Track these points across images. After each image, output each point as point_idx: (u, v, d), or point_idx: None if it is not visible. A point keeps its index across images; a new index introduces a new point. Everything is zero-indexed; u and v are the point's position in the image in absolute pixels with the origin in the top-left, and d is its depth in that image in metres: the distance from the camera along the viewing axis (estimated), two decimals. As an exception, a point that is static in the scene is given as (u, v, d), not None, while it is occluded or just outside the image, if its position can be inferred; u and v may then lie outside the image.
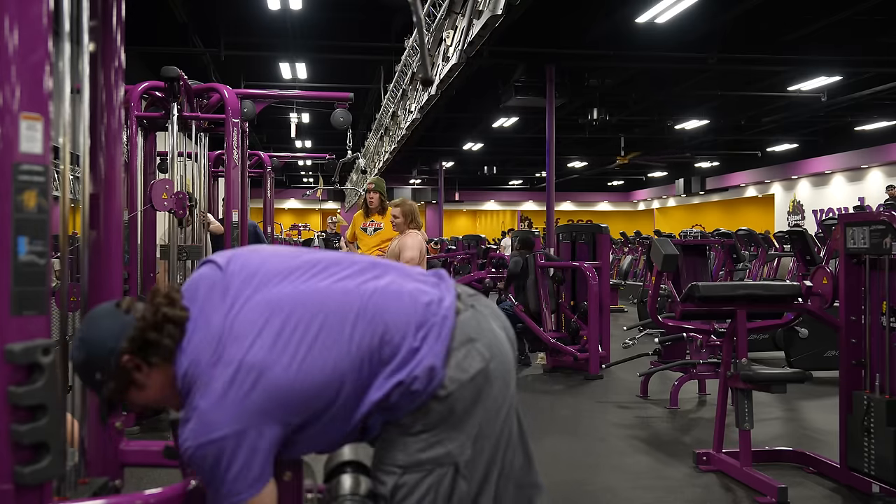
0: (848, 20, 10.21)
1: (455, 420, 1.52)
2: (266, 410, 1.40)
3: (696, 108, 17.11)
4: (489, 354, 1.58)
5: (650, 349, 6.27)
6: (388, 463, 1.53)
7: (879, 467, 3.51)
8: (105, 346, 1.45)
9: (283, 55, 11.97)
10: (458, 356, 1.54)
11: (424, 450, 1.51)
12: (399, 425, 1.52)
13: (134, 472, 2.29)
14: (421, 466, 1.51)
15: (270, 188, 8.43)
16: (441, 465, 1.52)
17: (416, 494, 1.51)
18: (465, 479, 1.53)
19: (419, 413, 1.51)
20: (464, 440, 1.53)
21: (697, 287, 3.96)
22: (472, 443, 1.54)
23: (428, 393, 1.51)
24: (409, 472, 1.51)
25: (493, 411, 1.57)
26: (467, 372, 1.54)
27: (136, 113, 5.05)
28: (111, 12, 1.69)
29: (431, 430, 1.52)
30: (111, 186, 1.71)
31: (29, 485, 1.23)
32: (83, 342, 1.46)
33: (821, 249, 8.33)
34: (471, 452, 1.54)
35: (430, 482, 1.51)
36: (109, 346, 1.45)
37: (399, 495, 1.51)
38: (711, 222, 23.19)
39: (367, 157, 16.38)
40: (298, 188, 28.40)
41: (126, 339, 1.45)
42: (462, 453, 1.53)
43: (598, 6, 9.97)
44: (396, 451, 1.52)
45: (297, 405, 1.44)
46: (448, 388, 1.52)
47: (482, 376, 1.56)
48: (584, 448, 4.57)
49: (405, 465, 1.51)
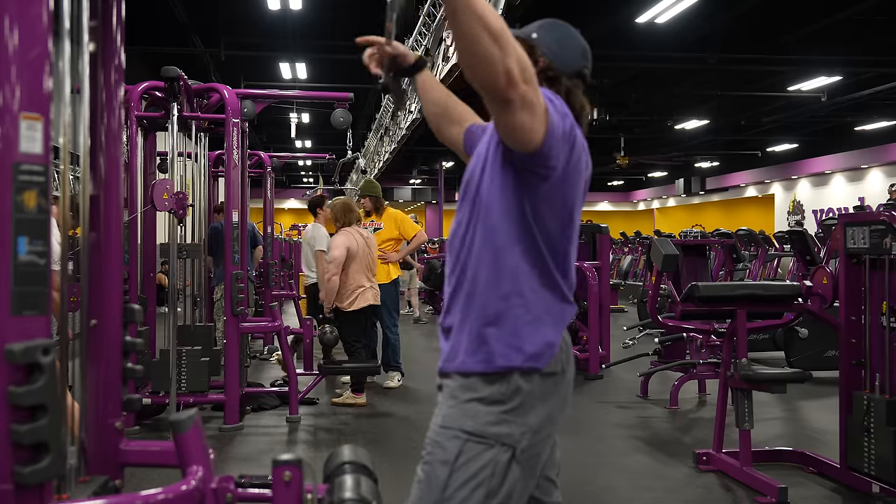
0: (848, 20, 10.21)
1: (527, 406, 1.55)
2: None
3: (696, 108, 17.12)
4: (570, 364, 1.65)
5: (650, 349, 6.28)
6: (455, 427, 1.55)
7: (879, 467, 3.51)
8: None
9: (283, 55, 11.98)
10: (559, 351, 1.61)
11: (493, 424, 1.53)
12: (474, 390, 1.55)
13: (134, 472, 2.29)
14: (485, 439, 1.53)
15: (270, 188, 8.44)
16: (503, 444, 1.54)
17: (477, 464, 1.52)
18: (519, 466, 1.55)
19: (502, 382, 1.54)
20: (526, 429, 1.56)
21: (697, 287, 3.97)
22: (531, 434, 1.56)
23: (526, 358, 1.55)
24: (472, 440, 1.53)
25: (551, 417, 1.60)
26: (557, 367, 1.60)
27: (136, 113, 5.05)
28: (111, 12, 1.69)
29: (505, 404, 1.54)
30: (111, 186, 1.71)
31: (29, 485, 1.23)
32: None
33: (821, 249, 8.33)
34: (527, 443, 1.56)
35: (490, 456, 1.53)
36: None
37: (460, 461, 1.53)
38: (711, 222, 23.20)
39: (367, 157, 16.39)
40: (298, 188, 28.41)
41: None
42: (522, 440, 1.55)
43: (598, 6, 9.98)
44: (466, 418, 1.55)
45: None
46: (541, 370, 1.56)
47: (563, 380, 1.62)
48: (584, 448, 4.57)
49: (472, 432, 1.53)
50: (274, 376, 6.40)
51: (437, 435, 1.58)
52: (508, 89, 1.38)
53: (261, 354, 7.67)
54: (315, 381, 5.66)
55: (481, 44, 1.34)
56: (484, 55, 1.35)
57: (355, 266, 5.62)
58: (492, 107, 1.45)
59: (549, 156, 1.51)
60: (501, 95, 1.39)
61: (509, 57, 1.37)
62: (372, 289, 5.74)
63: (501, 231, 1.57)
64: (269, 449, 4.53)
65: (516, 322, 1.57)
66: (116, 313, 1.70)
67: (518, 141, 1.48)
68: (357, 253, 5.63)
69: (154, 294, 5.35)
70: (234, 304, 4.87)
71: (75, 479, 1.59)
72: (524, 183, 1.55)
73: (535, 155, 1.50)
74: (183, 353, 4.87)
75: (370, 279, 5.73)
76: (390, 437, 4.76)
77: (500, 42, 1.36)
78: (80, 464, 1.63)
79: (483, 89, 1.41)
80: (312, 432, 4.97)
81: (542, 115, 1.46)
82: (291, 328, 5.84)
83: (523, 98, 1.40)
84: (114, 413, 1.69)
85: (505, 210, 1.57)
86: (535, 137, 1.47)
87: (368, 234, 5.93)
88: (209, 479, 1.46)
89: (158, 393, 4.88)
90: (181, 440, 1.47)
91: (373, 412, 5.52)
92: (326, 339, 5.61)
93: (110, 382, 1.68)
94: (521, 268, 1.57)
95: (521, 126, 1.45)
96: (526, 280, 1.58)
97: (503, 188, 1.56)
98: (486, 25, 1.34)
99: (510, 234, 1.57)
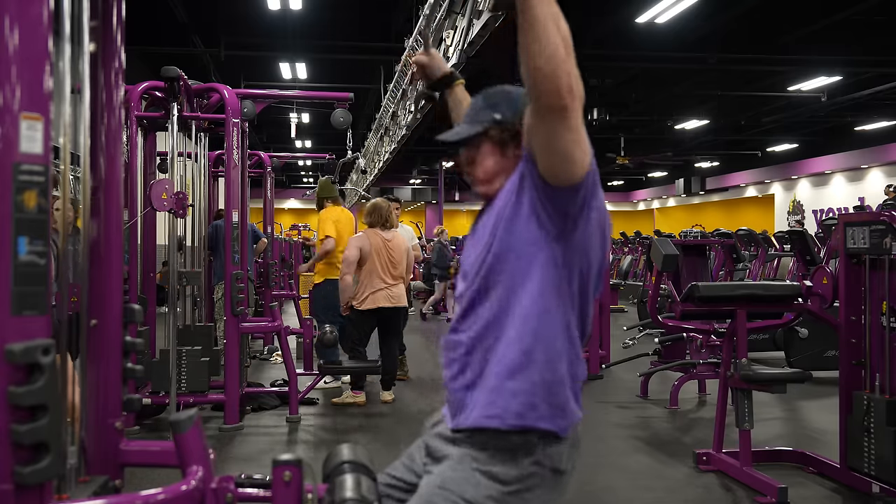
0: (848, 20, 10.21)
1: (531, 494, 1.52)
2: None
3: (696, 108, 17.12)
4: (573, 465, 1.61)
5: (650, 349, 6.28)
6: (455, 492, 1.51)
7: (879, 467, 3.51)
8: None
9: (283, 55, 11.98)
10: (569, 446, 1.58)
11: (492, 498, 1.50)
12: (482, 462, 1.52)
13: (134, 472, 2.29)
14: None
15: (270, 188, 8.44)
16: None
17: None
18: None
19: (512, 463, 1.51)
20: None
21: (697, 287, 3.97)
22: None
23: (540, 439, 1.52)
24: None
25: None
26: (568, 465, 1.57)
27: (136, 113, 5.05)
28: (111, 12, 1.69)
29: (508, 485, 1.51)
30: (111, 186, 1.71)
31: (29, 485, 1.23)
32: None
33: (821, 249, 8.32)
34: None
35: None
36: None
37: None
38: (711, 222, 23.18)
39: (367, 157, 16.37)
40: (298, 188, 28.41)
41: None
42: None
43: (598, 6, 9.98)
44: (468, 485, 1.51)
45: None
46: (553, 465, 1.53)
47: (566, 480, 1.59)
48: (584, 448, 4.53)
49: (471, 501, 1.50)
50: (274, 376, 6.40)
51: (432, 495, 1.54)
52: (569, 95, 1.34)
53: (261, 354, 7.67)
54: (315, 381, 5.66)
55: (552, 41, 1.32)
56: (553, 54, 1.32)
57: (368, 267, 5.59)
58: (544, 121, 1.39)
59: (587, 194, 1.46)
60: (561, 101, 1.34)
61: (573, 63, 1.35)
62: (387, 290, 5.62)
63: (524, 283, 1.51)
64: (269, 449, 4.53)
65: (536, 379, 1.51)
66: (116, 313, 1.70)
67: (562, 169, 1.42)
68: (370, 254, 5.59)
69: (154, 294, 5.35)
70: (234, 304, 4.87)
71: (75, 479, 1.59)
72: (552, 231, 1.49)
73: (576, 189, 1.44)
74: (183, 353, 4.87)
75: (386, 281, 5.62)
76: (391, 436, 4.77)
77: (567, 45, 1.34)
78: (80, 464, 1.63)
79: (544, 94, 1.35)
80: (312, 432, 4.97)
81: (586, 144, 1.42)
82: (291, 328, 5.84)
83: (577, 111, 1.37)
84: (114, 413, 1.69)
85: (528, 263, 1.51)
86: (580, 166, 1.41)
87: (394, 236, 5.80)
88: (209, 479, 1.46)
89: (158, 393, 4.88)
90: (181, 440, 1.47)
91: (373, 412, 5.52)
92: (326, 339, 5.61)
93: (110, 382, 1.68)
94: (545, 322, 1.51)
95: (569, 149, 1.39)
96: (546, 335, 1.51)
97: (527, 241, 1.50)
98: (559, 25, 1.33)
99: (534, 287, 1.51)
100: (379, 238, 5.67)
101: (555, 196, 1.46)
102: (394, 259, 5.66)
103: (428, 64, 1.96)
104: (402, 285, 5.75)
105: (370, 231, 5.72)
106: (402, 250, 5.76)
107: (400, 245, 5.76)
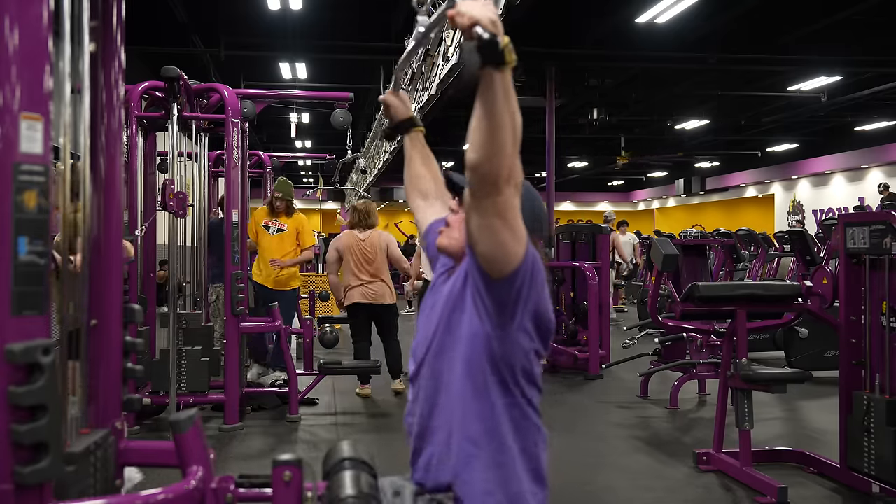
0: (848, 20, 10.20)
1: None
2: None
3: (696, 108, 17.10)
4: None
5: (650, 349, 6.27)
6: None
7: (879, 467, 3.51)
8: None
9: (283, 55, 11.96)
10: None
11: None
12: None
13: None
14: None
15: (270, 188, 8.42)
16: None
17: None
18: None
19: None
20: None
21: (697, 287, 3.97)
22: None
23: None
24: None
25: None
26: None
27: (136, 113, 5.05)
28: (111, 12, 1.69)
29: None
30: (111, 186, 1.71)
31: (29, 485, 1.23)
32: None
33: (821, 249, 8.32)
34: None
35: None
36: None
37: None
38: (711, 222, 23.16)
39: (367, 157, 16.37)
40: (298, 188, 28.24)
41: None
42: None
43: (598, 6, 9.97)
44: None
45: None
46: None
47: None
48: (584, 448, 4.57)
49: None
50: (274, 376, 6.39)
51: None
52: (506, 183, 1.38)
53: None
54: (315, 381, 5.66)
55: (503, 132, 1.35)
56: (501, 144, 1.35)
57: (344, 265, 5.96)
58: (479, 204, 1.40)
59: (522, 286, 1.48)
60: (496, 186, 1.38)
61: (517, 156, 1.39)
62: (362, 288, 5.89)
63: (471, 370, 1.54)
64: (269, 449, 4.53)
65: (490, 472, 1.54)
66: (116, 313, 1.70)
67: (493, 256, 1.44)
68: (344, 253, 5.92)
69: (154, 294, 5.35)
70: (234, 304, 4.87)
71: (76, 430, 1.59)
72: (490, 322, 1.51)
73: (511, 280, 1.46)
74: (183, 353, 4.87)
75: (361, 278, 5.89)
76: (391, 436, 4.76)
77: (516, 140, 1.37)
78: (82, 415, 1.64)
79: (483, 175, 1.38)
80: (312, 432, 4.97)
81: (521, 231, 1.44)
82: (291, 328, 5.85)
83: (512, 199, 1.40)
84: (114, 413, 1.69)
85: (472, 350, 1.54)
86: (513, 253, 1.43)
87: (368, 235, 6.00)
88: (209, 479, 1.46)
89: (158, 393, 4.88)
90: (181, 440, 1.47)
91: (374, 411, 5.52)
92: (326, 339, 5.64)
93: (110, 382, 1.68)
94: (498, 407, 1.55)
95: (501, 234, 1.41)
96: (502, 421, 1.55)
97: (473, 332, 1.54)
98: (514, 120, 1.36)
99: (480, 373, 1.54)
100: (353, 238, 5.97)
101: (492, 287, 1.48)
102: (367, 256, 5.92)
103: (394, 105, 2.01)
104: (380, 283, 5.95)
105: (347, 232, 6.09)
106: (376, 248, 5.97)
107: (374, 243, 5.99)
